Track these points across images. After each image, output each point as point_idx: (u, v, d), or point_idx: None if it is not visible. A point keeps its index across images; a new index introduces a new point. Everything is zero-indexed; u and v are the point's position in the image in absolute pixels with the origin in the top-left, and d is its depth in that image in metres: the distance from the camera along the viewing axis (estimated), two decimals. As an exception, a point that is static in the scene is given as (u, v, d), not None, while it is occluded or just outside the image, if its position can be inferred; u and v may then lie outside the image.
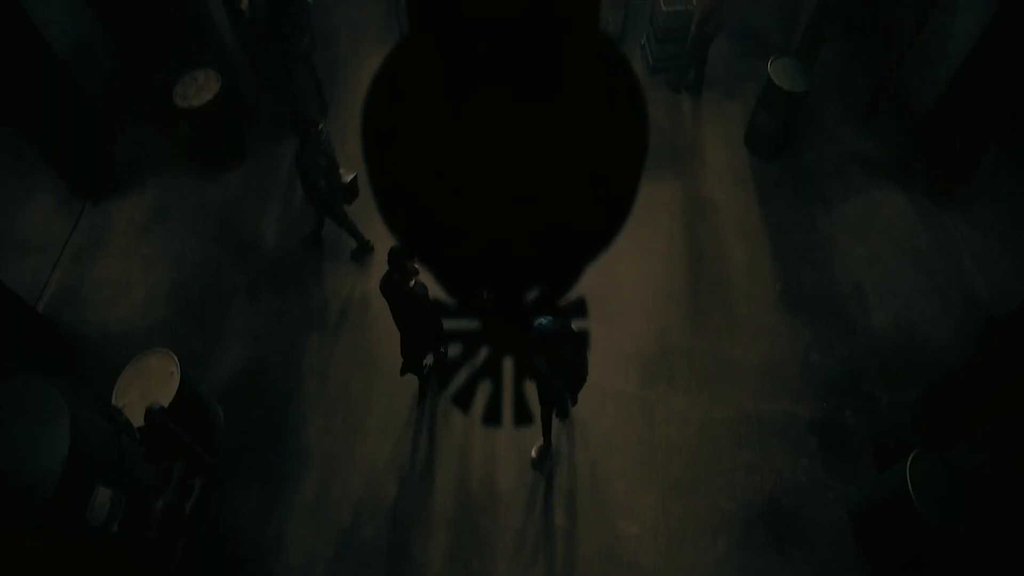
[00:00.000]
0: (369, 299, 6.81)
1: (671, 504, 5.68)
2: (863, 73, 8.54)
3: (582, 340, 1.38)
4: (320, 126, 6.11)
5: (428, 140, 0.75)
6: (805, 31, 7.63)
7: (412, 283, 5.07)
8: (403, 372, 5.96)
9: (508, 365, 1.12)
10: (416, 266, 4.99)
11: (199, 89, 7.16)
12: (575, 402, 5.69)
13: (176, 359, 5.33)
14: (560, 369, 4.80)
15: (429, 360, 6.14)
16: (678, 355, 6.47)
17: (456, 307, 1.10)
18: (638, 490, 5.75)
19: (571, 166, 0.74)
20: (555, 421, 5.82)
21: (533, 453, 5.92)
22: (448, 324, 1.16)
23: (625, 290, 6.85)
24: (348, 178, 6.55)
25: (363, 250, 7.11)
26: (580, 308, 1.14)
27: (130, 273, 7.03)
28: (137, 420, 4.86)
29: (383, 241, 7.04)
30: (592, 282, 6.78)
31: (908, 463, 4.82)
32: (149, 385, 5.25)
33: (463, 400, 1.15)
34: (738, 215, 7.45)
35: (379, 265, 7.00)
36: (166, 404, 5.02)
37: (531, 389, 1.16)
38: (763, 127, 7.63)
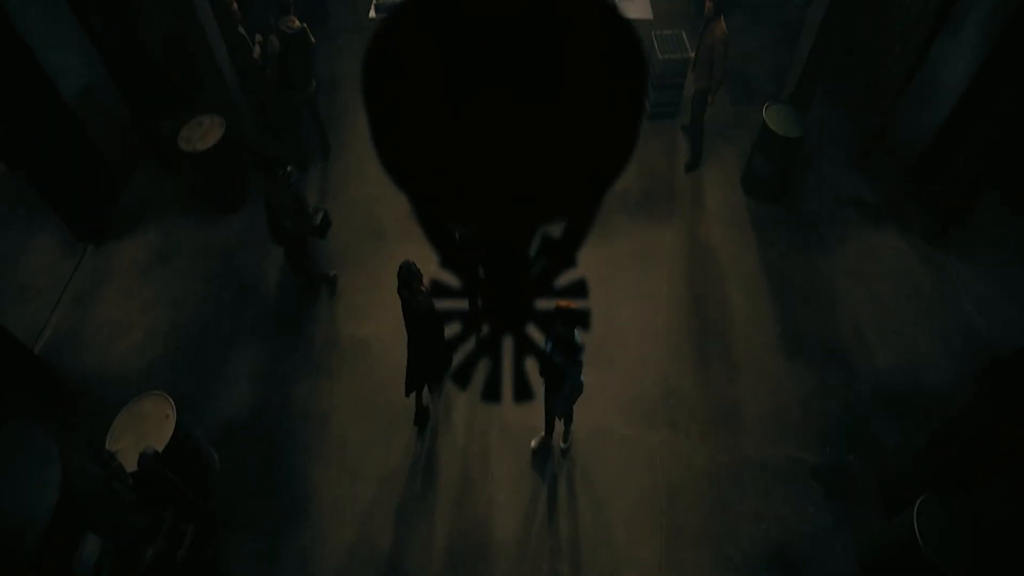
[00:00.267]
0: (369, 342, 6.79)
1: (675, 553, 5.55)
2: (856, 119, 8.69)
3: (576, 316, 1.33)
4: (288, 168, 6.13)
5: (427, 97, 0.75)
6: (798, 79, 7.78)
7: (419, 298, 5.31)
8: (407, 392, 6.03)
9: (508, 343, 1.11)
10: (423, 286, 5.28)
11: (204, 134, 7.27)
12: (571, 410, 5.71)
13: (172, 402, 5.28)
14: (558, 347, 4.91)
15: (427, 398, 6.29)
16: (679, 399, 6.40)
17: (456, 287, 1.09)
18: (640, 538, 5.62)
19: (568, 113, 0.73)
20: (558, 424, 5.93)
21: (533, 443, 6.07)
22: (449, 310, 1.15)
23: (625, 334, 6.83)
24: (318, 218, 6.57)
25: (309, 289, 7.08)
26: (579, 288, 1.12)
27: (130, 315, 7.02)
28: (131, 465, 4.78)
29: (355, 270, 7.05)
30: (592, 325, 6.77)
31: (915, 509, 4.73)
32: (144, 429, 5.18)
33: (461, 378, 1.13)
34: (737, 258, 7.47)
35: (379, 308, 7.00)
36: (160, 449, 4.95)
37: (532, 366, 1.14)
38: (759, 171, 7.72)
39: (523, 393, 1.10)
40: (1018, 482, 4.89)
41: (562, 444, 6.12)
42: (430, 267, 6.26)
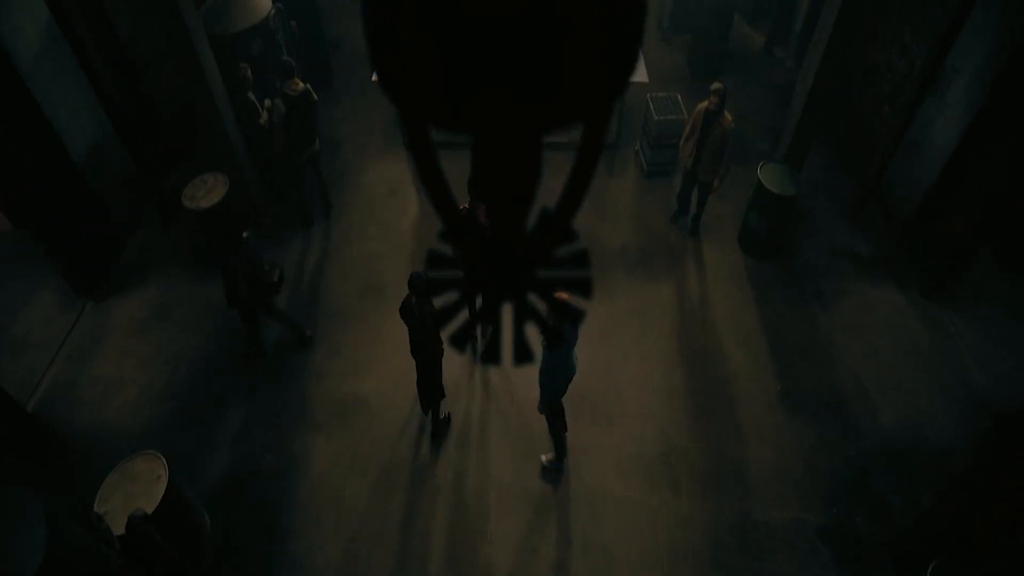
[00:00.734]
0: (368, 399, 6.72)
1: (679, 619, 5.36)
2: (849, 175, 8.85)
3: (570, 311, 1.30)
4: (245, 235, 6.18)
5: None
6: (792, 139, 7.96)
7: (426, 309, 5.46)
8: (425, 411, 6.36)
9: (508, 309, 1.11)
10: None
11: (208, 191, 7.39)
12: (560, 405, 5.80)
13: (164, 462, 5.18)
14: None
15: (446, 408, 6.51)
16: (680, 458, 6.30)
17: (456, 253, 1.08)
18: (643, 604, 5.44)
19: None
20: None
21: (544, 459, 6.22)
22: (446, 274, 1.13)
23: (624, 391, 6.78)
24: (274, 274, 6.58)
25: (253, 351, 7.06)
26: (581, 259, 1.12)
27: (126, 371, 6.97)
28: (120, 527, 4.66)
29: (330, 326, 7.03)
30: (591, 383, 6.76)
31: (929, 572, 4.59)
32: (134, 490, 5.07)
33: (459, 341, 1.12)
34: (735, 314, 7.48)
35: (379, 364, 6.97)
36: (151, 510, 4.83)
37: (533, 333, 1.13)
38: (756, 228, 7.81)
39: (523, 355, 1.10)
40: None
41: (543, 459, 6.22)
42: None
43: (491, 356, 1.11)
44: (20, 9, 6.54)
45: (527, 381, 6.63)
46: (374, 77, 6.08)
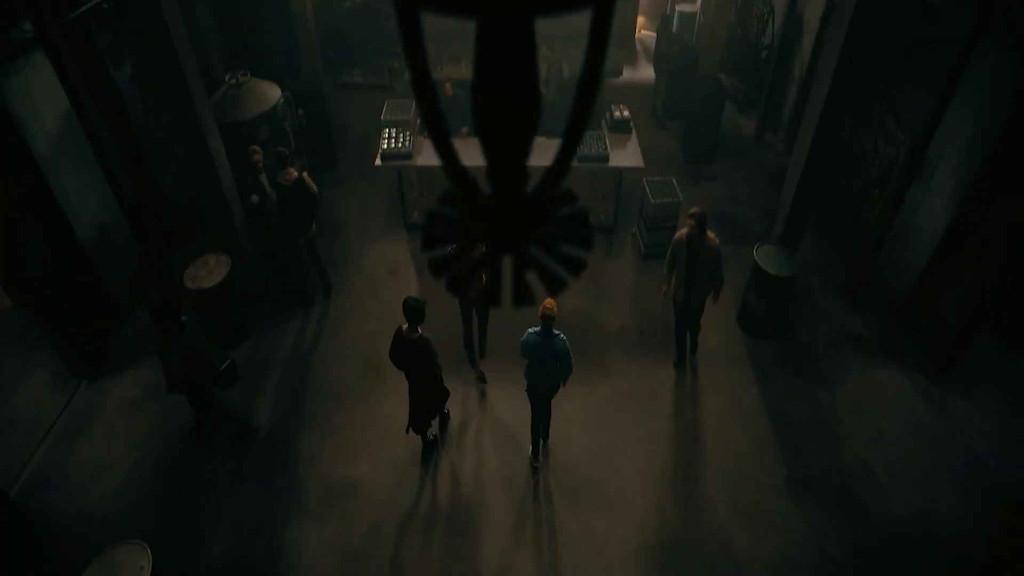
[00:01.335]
0: (362, 483, 6.54)
1: None
2: (843, 257, 8.96)
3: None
4: (184, 318, 6.09)
5: None
6: (785, 221, 8.11)
7: (418, 334, 5.83)
8: (408, 430, 6.51)
9: (509, 257, 1.10)
10: (422, 331, 5.87)
11: (209, 272, 7.44)
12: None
13: (148, 552, 4.97)
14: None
15: (435, 429, 6.83)
16: (684, 548, 6.06)
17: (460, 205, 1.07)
18: None
19: None
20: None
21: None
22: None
23: (625, 476, 6.60)
24: (223, 365, 6.44)
25: (242, 435, 6.95)
26: (580, 216, 1.11)
27: (114, 453, 6.80)
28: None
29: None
30: (591, 467, 6.59)
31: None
32: (116, 580, 4.84)
33: (458, 285, 1.10)
34: (737, 396, 7.39)
35: (374, 446, 6.82)
36: (131, 602, 4.59)
37: (533, 280, 1.09)
38: (754, 309, 7.83)
39: (523, 297, 1.09)
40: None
41: (534, 459, 6.69)
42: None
43: (492, 299, 1.10)
44: (41, 95, 6.79)
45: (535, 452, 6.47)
46: (378, 161, 6.22)
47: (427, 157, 9.02)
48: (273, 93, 8.70)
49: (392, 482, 6.55)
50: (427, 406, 6.42)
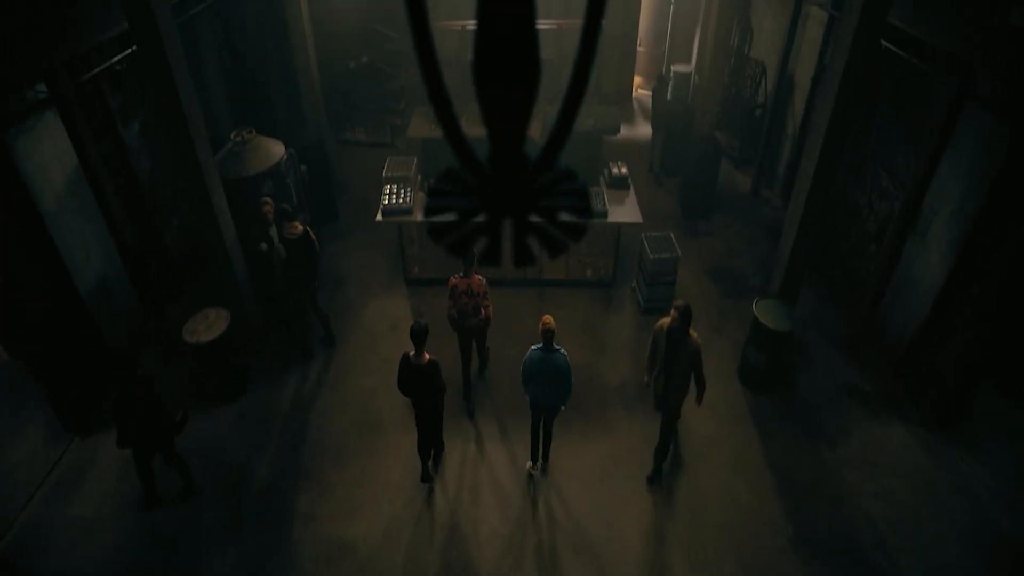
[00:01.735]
0: (356, 545, 6.37)
1: None
2: (842, 311, 8.98)
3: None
4: (139, 371, 6.05)
5: None
6: (783, 275, 8.16)
7: (426, 359, 6.06)
8: (420, 450, 6.72)
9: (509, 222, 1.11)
10: (427, 355, 6.13)
11: (209, 326, 7.43)
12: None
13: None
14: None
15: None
16: (691, 609, 5.87)
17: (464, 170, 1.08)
18: None
19: None
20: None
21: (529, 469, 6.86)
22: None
23: (627, 538, 6.44)
24: (176, 416, 6.40)
25: (182, 495, 6.81)
26: (582, 193, 1.14)
27: (104, 512, 6.65)
28: None
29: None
30: (592, 529, 6.44)
31: None
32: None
33: (457, 247, 1.12)
34: (740, 452, 7.28)
35: (371, 505, 6.68)
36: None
37: (533, 244, 1.09)
38: (754, 363, 7.80)
39: (523, 258, 1.11)
40: None
41: (532, 466, 6.99)
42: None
43: (491, 258, 1.12)
44: (50, 152, 6.92)
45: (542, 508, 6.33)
46: (379, 216, 6.33)
47: (428, 212, 9.13)
48: (277, 150, 8.88)
49: (390, 542, 6.39)
50: (434, 429, 6.64)
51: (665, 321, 6.38)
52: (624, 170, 9.72)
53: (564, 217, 1.10)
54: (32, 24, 6.26)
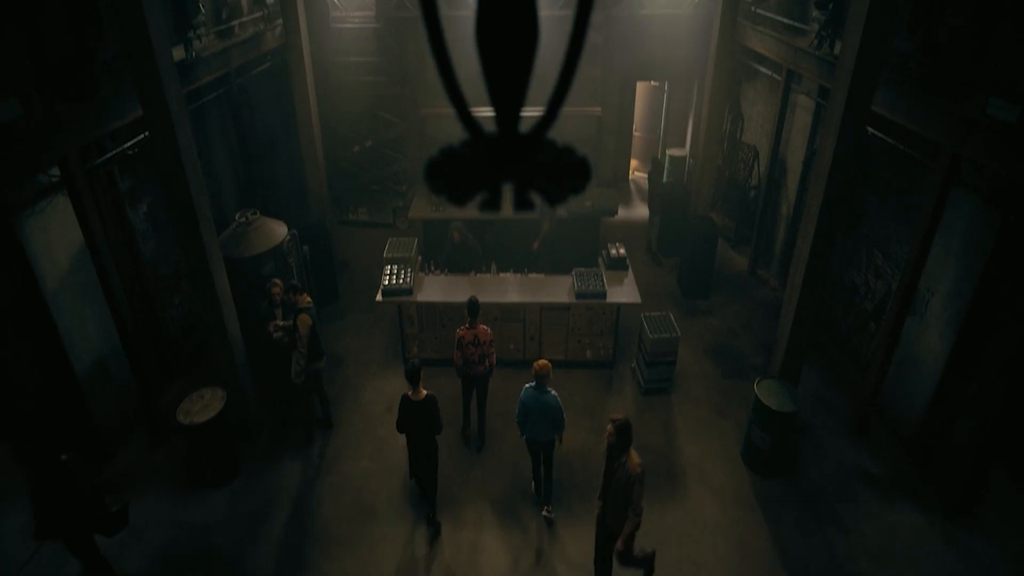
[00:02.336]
0: (347, 639, 6.05)
1: None
2: (846, 390, 8.88)
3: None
4: (64, 457, 5.65)
5: None
6: (784, 355, 8.12)
7: (424, 394, 6.43)
8: (411, 474, 6.96)
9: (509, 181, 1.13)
10: (424, 389, 6.50)
11: (203, 407, 7.33)
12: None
13: None
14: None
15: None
16: None
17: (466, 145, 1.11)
18: None
19: None
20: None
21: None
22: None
23: (634, 628, 6.13)
24: (113, 507, 5.94)
25: None
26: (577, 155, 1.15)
27: (85, 606, 6.34)
28: None
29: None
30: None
31: None
32: None
33: (459, 197, 1.12)
34: (748, 541, 7.02)
35: (362, 597, 6.38)
36: None
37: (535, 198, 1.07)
38: (759, 445, 7.64)
39: (523, 204, 1.12)
40: None
41: (546, 510, 7.15)
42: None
43: (492, 204, 1.13)
44: (57, 233, 7.03)
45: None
46: (379, 296, 6.40)
47: (427, 294, 9.20)
48: (280, 231, 9.02)
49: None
50: (430, 468, 6.87)
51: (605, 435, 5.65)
52: (622, 251, 9.85)
53: (563, 171, 1.15)
54: (52, 116, 6.49)
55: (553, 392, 6.64)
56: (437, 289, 9.28)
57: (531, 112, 1.07)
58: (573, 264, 9.79)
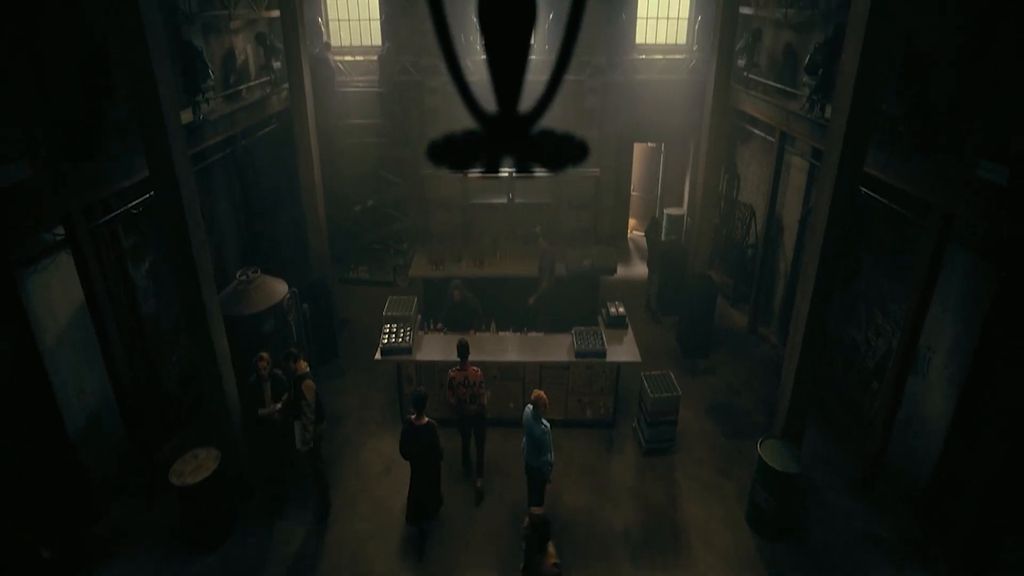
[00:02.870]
0: None
1: None
2: (850, 451, 8.73)
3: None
4: (46, 555, 5.35)
5: None
6: (786, 415, 8.02)
7: (426, 420, 6.95)
8: (408, 518, 7.37)
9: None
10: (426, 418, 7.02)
11: (197, 467, 7.20)
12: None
13: None
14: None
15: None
16: None
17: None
18: None
19: None
20: None
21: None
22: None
23: None
24: (47, 554, 5.76)
25: None
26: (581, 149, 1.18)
27: None
28: None
29: None
30: None
31: None
32: None
33: (461, 162, 1.16)
34: (755, 607, 6.79)
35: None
36: None
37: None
38: (763, 506, 7.48)
39: (524, 167, 1.17)
40: None
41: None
42: None
43: (492, 168, 1.17)
44: (59, 291, 7.06)
45: None
46: (378, 355, 6.41)
47: (427, 352, 9.16)
48: (280, 289, 9.07)
49: None
50: (431, 488, 7.32)
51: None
52: (621, 310, 9.86)
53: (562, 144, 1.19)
54: (59, 175, 6.62)
55: (545, 423, 7.05)
56: (436, 348, 9.25)
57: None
58: (572, 323, 9.79)
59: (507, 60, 1.11)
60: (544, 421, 7.02)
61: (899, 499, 7.85)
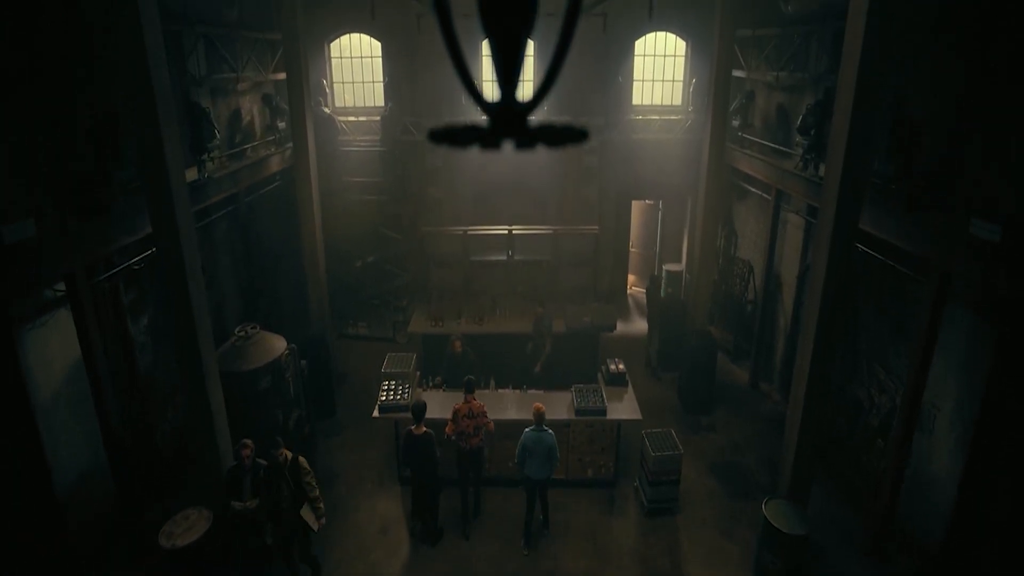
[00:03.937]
0: None
1: None
2: (856, 510, 8.52)
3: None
4: None
5: None
6: (791, 474, 7.87)
7: (424, 430, 7.45)
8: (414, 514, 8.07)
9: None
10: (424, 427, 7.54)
11: (188, 528, 7.02)
12: None
13: None
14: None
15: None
16: None
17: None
18: None
19: None
20: None
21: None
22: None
23: None
24: None
25: None
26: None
27: None
28: None
29: None
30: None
31: None
32: None
33: (464, 140, 1.18)
34: None
35: None
36: None
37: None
38: (770, 570, 7.25)
39: (525, 144, 1.19)
40: None
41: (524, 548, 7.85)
42: None
43: (491, 143, 1.19)
44: (56, 347, 7.02)
45: None
46: (376, 412, 6.36)
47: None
48: (279, 345, 9.03)
49: None
50: (433, 493, 7.94)
51: None
52: (621, 367, 9.79)
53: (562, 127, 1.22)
54: (63, 232, 6.69)
55: (550, 431, 7.73)
56: (435, 405, 9.13)
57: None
58: (572, 380, 9.71)
59: (506, 51, 1.15)
60: (548, 429, 7.71)
61: (910, 561, 7.61)
